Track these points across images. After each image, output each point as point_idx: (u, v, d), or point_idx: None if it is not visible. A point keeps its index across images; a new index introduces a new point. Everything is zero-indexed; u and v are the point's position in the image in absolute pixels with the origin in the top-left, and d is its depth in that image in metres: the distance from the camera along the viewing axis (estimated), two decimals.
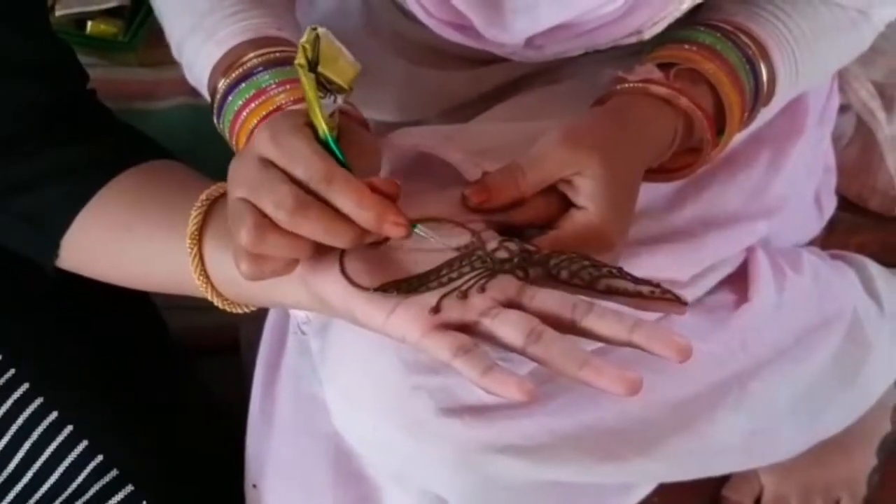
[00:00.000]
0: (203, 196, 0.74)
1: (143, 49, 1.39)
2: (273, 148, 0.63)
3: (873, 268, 1.06)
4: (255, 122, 0.74)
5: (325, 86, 0.61)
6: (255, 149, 0.64)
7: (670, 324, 0.78)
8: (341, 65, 0.61)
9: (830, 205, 1.11)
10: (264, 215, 0.62)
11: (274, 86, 0.74)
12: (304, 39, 0.60)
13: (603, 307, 0.60)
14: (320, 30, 0.60)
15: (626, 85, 0.76)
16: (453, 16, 0.82)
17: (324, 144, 0.63)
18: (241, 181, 0.64)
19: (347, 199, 0.61)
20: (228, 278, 0.71)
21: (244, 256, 0.64)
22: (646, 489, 0.97)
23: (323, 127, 0.63)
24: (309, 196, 0.62)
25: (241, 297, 0.74)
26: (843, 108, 1.14)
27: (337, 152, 0.63)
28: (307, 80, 0.60)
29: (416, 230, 0.64)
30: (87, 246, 0.79)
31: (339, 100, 0.62)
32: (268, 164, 0.63)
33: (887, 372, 1.05)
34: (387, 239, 0.65)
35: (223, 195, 0.73)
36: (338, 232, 0.62)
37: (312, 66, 0.60)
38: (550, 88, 0.88)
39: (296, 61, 0.60)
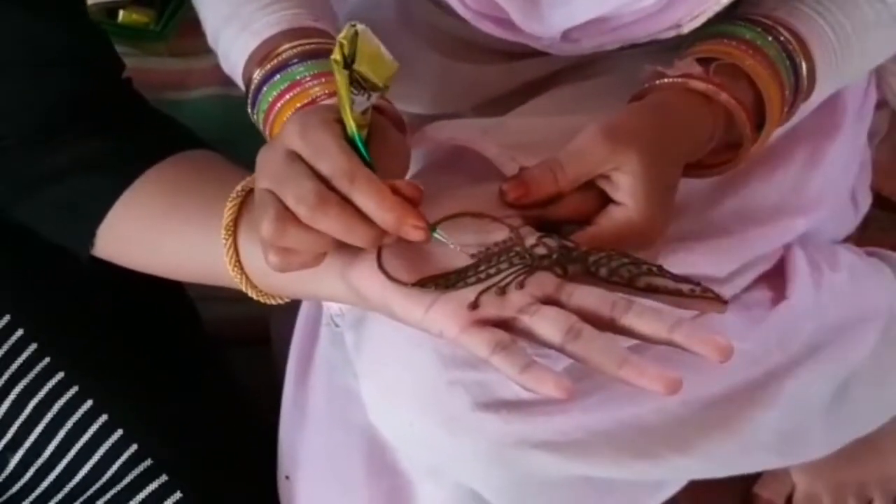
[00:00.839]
0: (238, 187, 0.74)
1: (174, 39, 1.39)
2: (300, 141, 0.63)
3: None
4: (289, 113, 0.74)
5: (361, 83, 0.61)
6: (284, 141, 0.64)
7: (707, 321, 0.77)
8: (378, 63, 0.60)
9: (866, 202, 1.10)
10: (286, 208, 0.62)
11: (309, 78, 0.74)
12: (342, 35, 0.60)
13: (642, 305, 0.60)
14: (359, 26, 0.60)
15: (665, 80, 0.76)
16: (490, 8, 0.82)
17: (350, 142, 0.63)
18: (268, 172, 0.64)
19: (368, 199, 0.61)
20: (263, 270, 0.71)
21: (271, 248, 0.64)
22: (677, 485, 0.96)
23: (351, 125, 0.63)
24: (331, 193, 0.62)
25: (276, 288, 0.74)
26: (879, 105, 1.12)
27: (363, 151, 0.63)
28: (341, 77, 0.60)
29: (435, 235, 0.64)
30: (123, 236, 0.79)
31: (374, 98, 0.62)
32: (294, 157, 0.63)
33: None
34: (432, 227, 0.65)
35: None
36: (356, 231, 0.62)
37: (348, 62, 0.60)
38: (587, 83, 0.88)
39: (331, 56, 0.60)
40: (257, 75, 0.76)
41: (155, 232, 0.78)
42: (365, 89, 0.61)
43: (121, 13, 1.38)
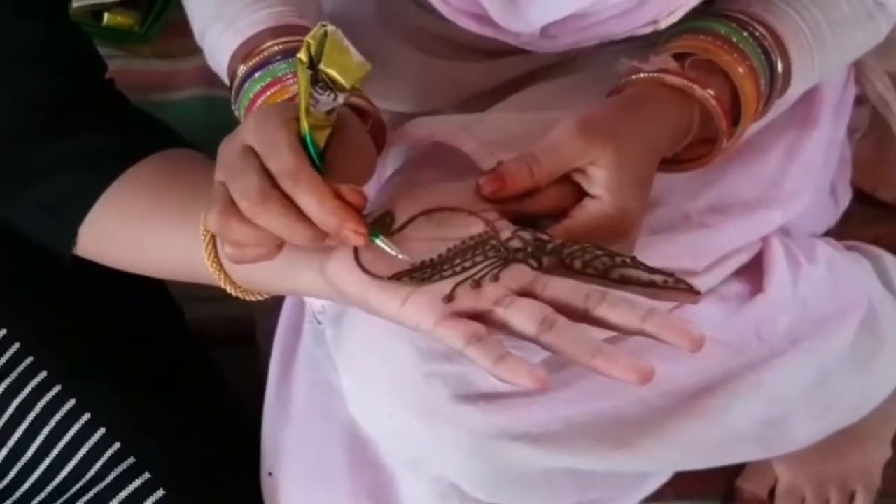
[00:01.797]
0: None
1: (158, 40, 1.40)
2: (255, 136, 0.64)
3: (888, 259, 1.05)
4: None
5: (327, 83, 0.61)
6: (242, 134, 0.65)
7: (685, 313, 0.78)
8: (346, 64, 0.60)
9: (846, 196, 1.11)
10: (233, 201, 0.62)
11: (290, 75, 0.74)
12: (310, 35, 0.60)
13: (615, 296, 0.60)
14: (329, 27, 0.60)
15: (642, 75, 0.76)
16: (469, 4, 0.82)
17: (302, 141, 0.63)
18: (223, 163, 0.65)
19: (310, 200, 0.62)
20: (241, 266, 0.72)
21: (225, 239, 0.65)
22: (661, 478, 0.97)
23: (304, 125, 0.63)
24: (274, 190, 0.62)
25: (254, 284, 0.74)
26: (859, 100, 1.13)
27: (312, 151, 0.63)
28: (303, 76, 0.61)
29: (376, 241, 0.64)
30: (105, 234, 0.79)
31: (341, 98, 0.62)
32: (249, 151, 0.64)
33: None
34: (408, 222, 0.66)
35: None
36: (295, 230, 0.62)
37: (314, 62, 0.60)
38: (566, 79, 0.88)
39: (297, 55, 0.60)
40: (241, 71, 0.76)
41: (136, 230, 0.78)
42: (332, 89, 0.61)
43: (106, 16, 1.39)
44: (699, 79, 0.75)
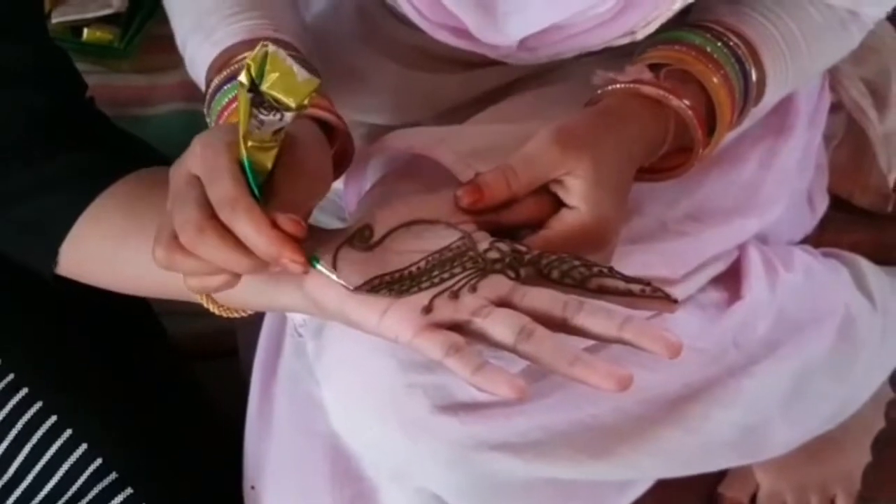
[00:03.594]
0: None
1: (138, 55, 1.40)
2: (199, 163, 0.63)
3: (865, 266, 1.06)
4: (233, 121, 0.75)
5: (272, 104, 0.60)
6: (187, 160, 0.64)
7: (663, 321, 0.78)
8: (291, 83, 0.60)
9: (822, 203, 1.11)
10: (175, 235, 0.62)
11: None
12: (250, 56, 0.60)
13: (593, 305, 0.60)
14: (270, 47, 0.60)
15: (617, 86, 0.77)
16: (446, 18, 0.82)
17: (241, 167, 0.63)
18: (171, 192, 0.65)
19: (247, 229, 0.61)
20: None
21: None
22: (642, 486, 0.97)
23: (242, 151, 0.62)
24: (211, 221, 0.62)
25: (235, 301, 0.74)
26: (835, 107, 1.14)
27: (250, 177, 0.63)
28: (243, 99, 0.60)
29: (316, 266, 0.64)
30: (85, 254, 0.79)
31: (287, 118, 0.61)
32: (192, 179, 0.63)
33: (880, 368, 1.05)
34: (386, 235, 0.66)
35: None
36: (234, 260, 0.62)
37: (254, 84, 0.60)
38: (543, 90, 0.89)
39: (238, 78, 0.60)
40: (214, 83, 0.77)
41: (116, 249, 0.78)
42: (277, 109, 0.61)
43: (85, 31, 1.39)
44: (674, 89, 0.76)
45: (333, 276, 0.64)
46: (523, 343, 0.59)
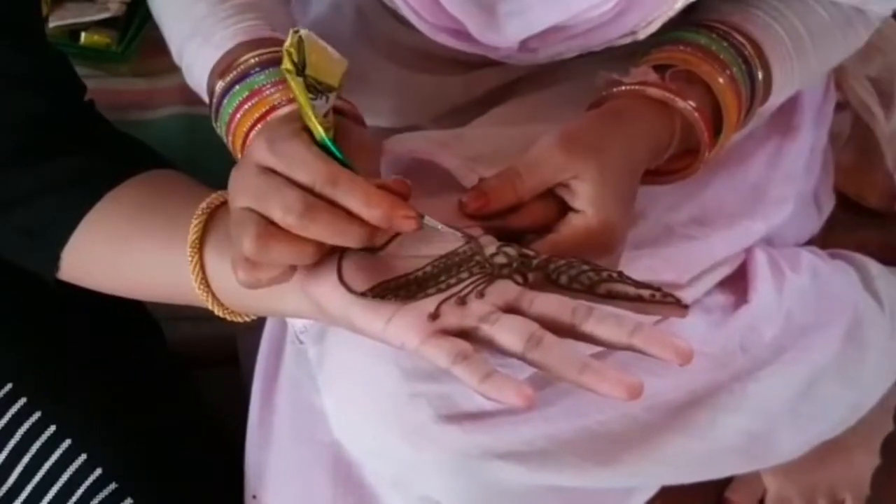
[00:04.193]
0: (203, 205, 0.73)
1: (137, 59, 1.39)
2: (271, 156, 0.63)
3: (873, 266, 1.06)
4: (250, 123, 0.74)
5: (315, 87, 0.60)
6: (254, 157, 0.64)
7: (669, 326, 0.77)
8: (327, 64, 0.61)
9: (829, 203, 1.11)
10: (268, 223, 0.62)
11: (269, 86, 0.74)
12: (287, 44, 0.60)
13: (602, 311, 0.60)
14: (302, 32, 0.60)
15: (622, 88, 0.76)
16: (447, 20, 0.82)
17: (322, 147, 0.63)
18: (244, 190, 0.63)
19: (355, 198, 0.61)
20: (229, 287, 0.71)
21: (242, 265, 0.64)
22: (647, 493, 0.97)
23: (319, 130, 0.62)
24: (316, 199, 0.61)
25: (242, 305, 0.74)
26: (841, 106, 1.13)
27: (337, 153, 0.63)
28: (297, 85, 0.60)
29: (425, 221, 0.64)
30: (88, 258, 0.78)
31: (332, 99, 0.62)
32: (268, 171, 0.63)
33: (888, 371, 1.04)
34: (392, 240, 0.65)
35: (223, 204, 0.73)
36: (347, 232, 0.62)
37: (300, 69, 0.60)
38: (546, 92, 0.88)
39: (282, 66, 0.60)
40: (219, 87, 0.76)
41: (119, 252, 0.77)
42: (321, 92, 0.61)
43: (83, 35, 1.38)
44: (680, 90, 0.75)
45: (440, 227, 0.64)
46: (532, 351, 0.58)
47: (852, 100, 1.11)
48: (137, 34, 1.39)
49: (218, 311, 0.74)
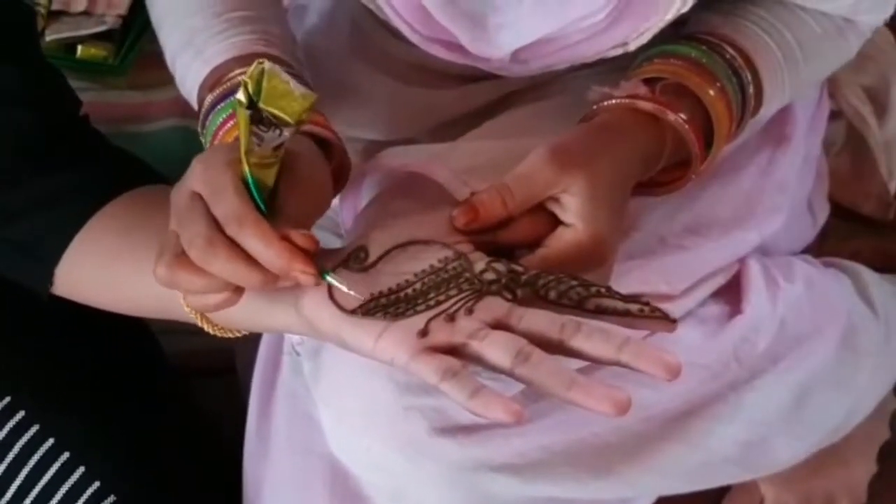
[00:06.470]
0: None
1: (133, 72, 1.40)
2: (201, 182, 0.64)
3: (867, 275, 1.06)
4: (231, 140, 0.74)
5: (270, 120, 0.60)
6: (189, 179, 0.65)
7: (664, 337, 0.77)
8: (288, 98, 0.60)
9: (823, 212, 1.11)
10: (182, 251, 0.63)
11: None
12: (247, 74, 0.60)
13: (591, 326, 0.60)
14: (266, 64, 0.60)
15: (613, 101, 0.76)
16: (439, 32, 0.82)
17: (245, 184, 0.63)
18: (174, 211, 0.65)
19: (255, 243, 0.61)
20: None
21: (160, 273, 0.64)
22: (644, 503, 0.96)
23: (245, 168, 0.62)
24: (220, 236, 0.62)
25: (231, 322, 0.74)
26: (834, 115, 1.13)
27: (255, 194, 0.63)
28: (242, 116, 0.60)
29: (326, 278, 0.64)
30: (82, 274, 0.79)
31: (287, 133, 0.61)
32: (196, 197, 0.64)
33: (884, 378, 1.04)
34: (382, 257, 0.66)
35: None
36: (243, 274, 0.62)
37: (252, 101, 0.60)
38: (538, 105, 0.88)
39: (235, 96, 0.60)
40: (207, 101, 0.76)
41: (112, 269, 0.78)
42: (276, 125, 0.61)
43: (79, 48, 1.39)
44: (670, 103, 0.75)
45: (344, 287, 0.64)
46: (520, 367, 0.58)
47: (846, 109, 1.11)
48: (133, 47, 1.40)
49: (208, 328, 0.74)
